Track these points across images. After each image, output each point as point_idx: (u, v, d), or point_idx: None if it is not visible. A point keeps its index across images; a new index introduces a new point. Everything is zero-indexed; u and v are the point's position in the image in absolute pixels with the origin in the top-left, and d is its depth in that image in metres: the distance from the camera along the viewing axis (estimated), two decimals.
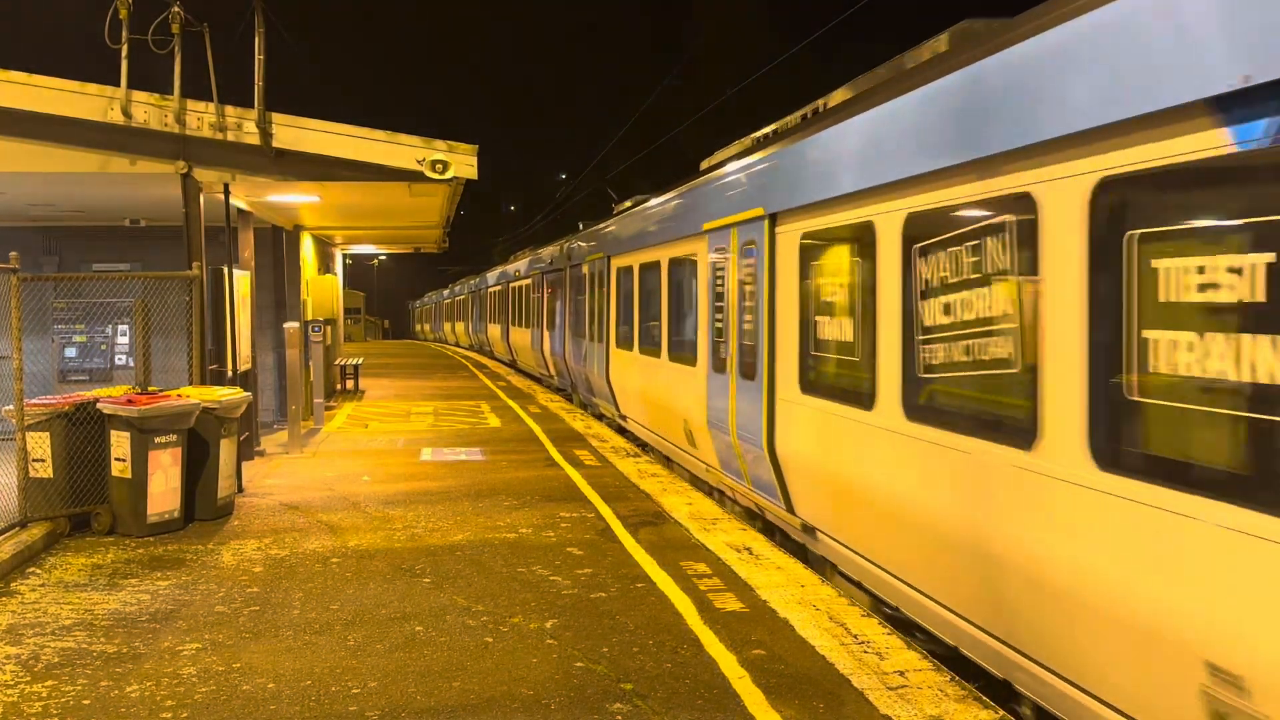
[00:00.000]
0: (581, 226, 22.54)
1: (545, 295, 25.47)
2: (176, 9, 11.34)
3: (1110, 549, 4.63)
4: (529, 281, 29.03)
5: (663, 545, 8.96)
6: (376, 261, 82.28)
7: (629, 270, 15.50)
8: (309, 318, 19.22)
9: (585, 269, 19.63)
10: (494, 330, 39.67)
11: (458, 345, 58.44)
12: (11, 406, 9.36)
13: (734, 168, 10.48)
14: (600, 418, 19.13)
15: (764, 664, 6.07)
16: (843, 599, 7.38)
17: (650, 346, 14.01)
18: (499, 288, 38.11)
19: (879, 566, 7.28)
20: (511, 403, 21.97)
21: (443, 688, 5.75)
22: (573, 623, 6.84)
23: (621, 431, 17.12)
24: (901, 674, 5.89)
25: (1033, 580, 5.21)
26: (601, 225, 18.81)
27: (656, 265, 13.64)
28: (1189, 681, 4.13)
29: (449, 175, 11.84)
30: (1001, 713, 5.38)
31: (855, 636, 6.52)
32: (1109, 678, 4.72)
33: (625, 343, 15.69)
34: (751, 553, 8.67)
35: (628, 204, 17.43)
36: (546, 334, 25.38)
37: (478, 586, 7.72)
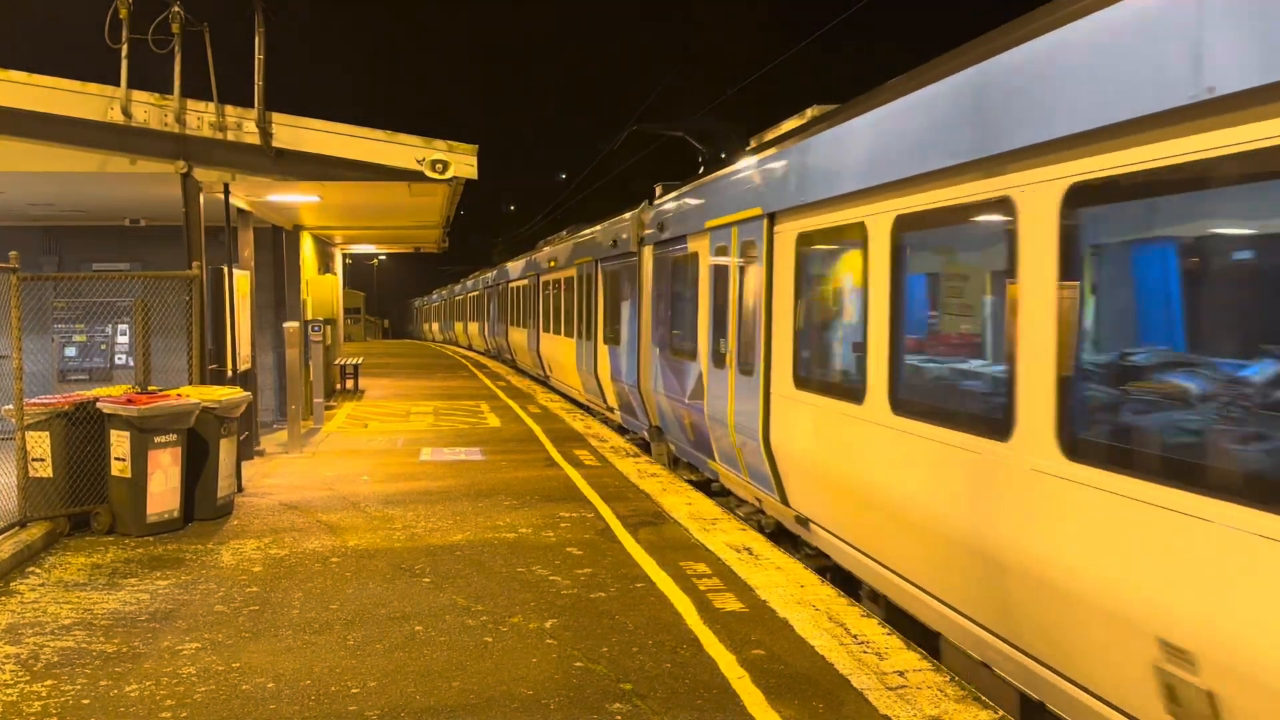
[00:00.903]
0: (659, 192, 15.05)
1: (602, 293, 18.64)
2: (176, 9, 11.35)
3: None
4: (572, 273, 21.83)
5: (662, 545, 8.96)
6: (376, 261, 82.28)
7: (836, 239, 8.16)
8: (309, 317, 19.22)
9: (699, 247, 12.04)
10: (518, 336, 32.10)
11: (470, 349, 50.83)
12: (11, 406, 9.36)
13: None
14: (721, 495, 11.71)
15: (763, 664, 6.07)
16: (843, 599, 7.38)
17: (958, 412, 6.22)
18: (524, 282, 30.68)
19: None
20: (511, 402, 21.96)
21: (442, 687, 5.75)
22: (572, 623, 6.84)
23: (784, 538, 9.61)
24: (901, 674, 5.89)
25: None
26: (737, 169, 10.80)
27: (986, 215, 5.97)
28: None
29: (449, 175, 11.84)
30: (1001, 713, 5.38)
31: (855, 637, 6.52)
32: None
33: (828, 384, 8.21)
34: (751, 553, 8.67)
35: (795, 122, 9.87)
36: (603, 349, 18.24)
37: (477, 586, 7.72)
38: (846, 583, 8.13)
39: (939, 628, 6.54)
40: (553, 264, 24.70)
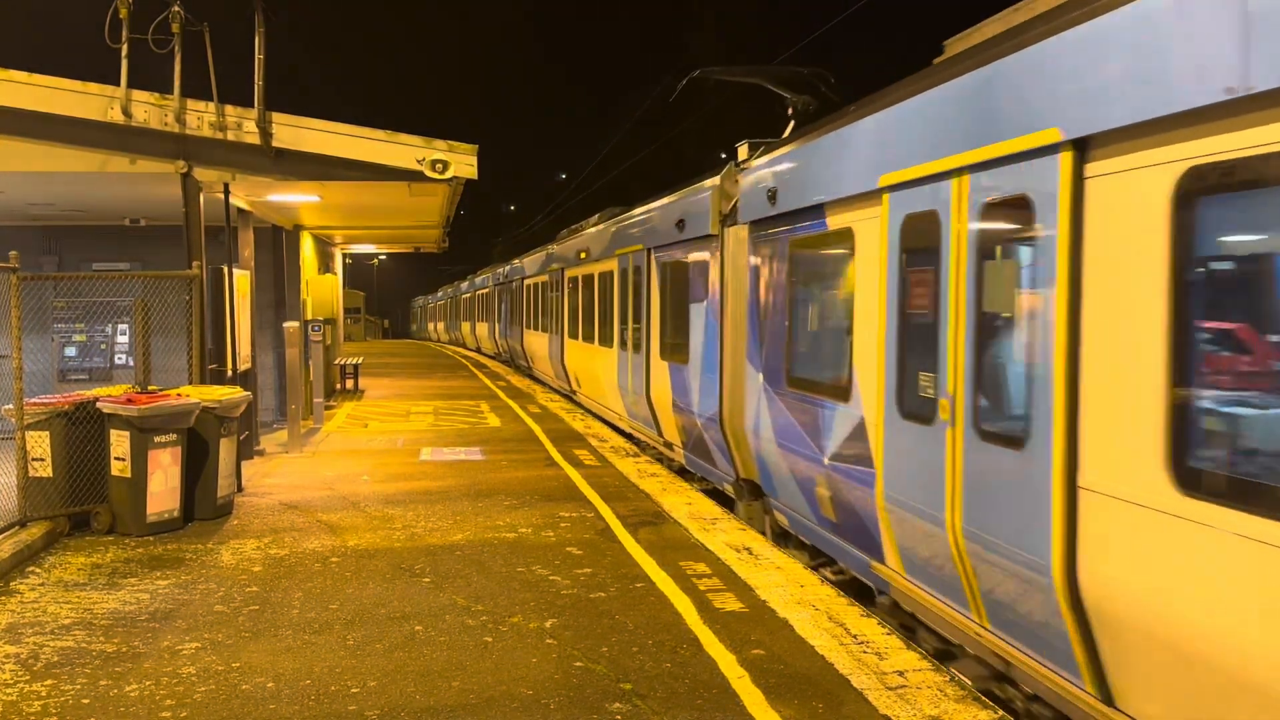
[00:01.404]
0: (745, 154, 11.02)
1: (657, 291, 14.17)
2: (176, 9, 11.35)
3: None
4: (611, 266, 17.32)
5: (662, 545, 8.96)
6: (376, 261, 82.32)
7: None
8: (309, 317, 19.23)
9: (854, 220, 7.79)
10: (536, 342, 27.33)
11: (479, 351, 46.51)
12: (11, 405, 9.36)
13: None
14: (892, 610, 7.45)
15: (763, 664, 6.07)
16: (842, 599, 7.38)
17: None
18: (544, 278, 25.93)
19: None
20: (511, 402, 21.97)
21: (442, 687, 5.75)
22: (572, 622, 6.84)
23: None
24: (901, 674, 5.89)
25: None
26: (967, 75, 5.95)
27: None
28: None
29: (449, 175, 11.84)
30: (1000, 713, 5.38)
31: (855, 636, 6.52)
32: None
33: None
34: (751, 553, 8.67)
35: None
36: (659, 366, 14.00)
37: (477, 586, 7.72)
38: None
39: None
40: (584, 255, 19.96)
